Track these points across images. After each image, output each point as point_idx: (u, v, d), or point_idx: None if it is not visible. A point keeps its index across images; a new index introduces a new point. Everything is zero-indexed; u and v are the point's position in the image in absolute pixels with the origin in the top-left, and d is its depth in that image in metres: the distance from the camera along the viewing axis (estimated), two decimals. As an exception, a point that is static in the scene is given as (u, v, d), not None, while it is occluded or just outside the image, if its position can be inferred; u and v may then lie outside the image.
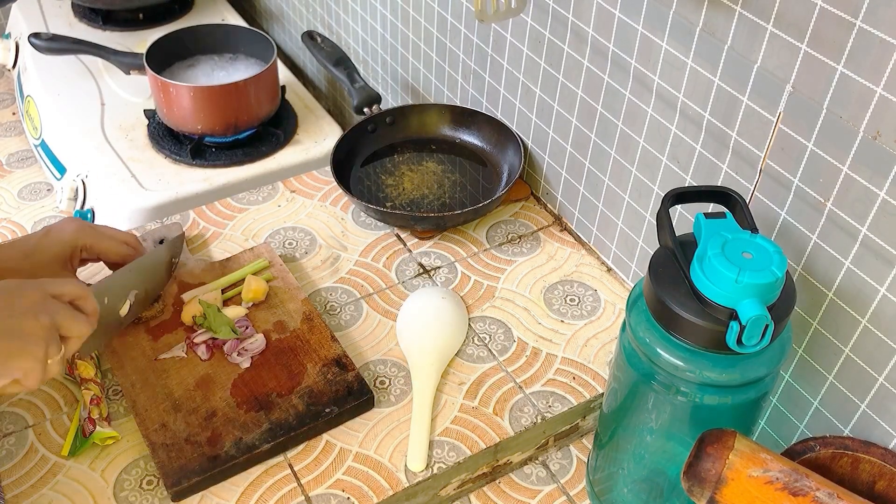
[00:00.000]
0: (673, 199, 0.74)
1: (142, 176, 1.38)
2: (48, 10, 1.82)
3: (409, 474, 0.85)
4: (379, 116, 1.24)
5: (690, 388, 0.71)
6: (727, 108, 0.81)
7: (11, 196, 1.62)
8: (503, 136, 1.20)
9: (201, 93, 1.35)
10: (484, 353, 0.97)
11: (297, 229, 1.12)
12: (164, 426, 0.85)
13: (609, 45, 0.94)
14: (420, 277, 1.06)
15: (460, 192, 1.17)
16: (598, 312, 1.02)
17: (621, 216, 1.03)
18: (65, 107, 1.54)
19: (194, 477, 0.81)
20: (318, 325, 0.95)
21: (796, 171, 0.76)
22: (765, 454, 0.67)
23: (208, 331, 0.93)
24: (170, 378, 0.90)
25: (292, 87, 1.61)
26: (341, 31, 1.58)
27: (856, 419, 0.79)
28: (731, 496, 0.66)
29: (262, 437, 0.84)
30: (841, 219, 0.73)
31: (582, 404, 0.92)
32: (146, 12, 1.76)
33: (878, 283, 0.72)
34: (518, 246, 1.11)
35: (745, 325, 0.64)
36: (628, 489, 0.83)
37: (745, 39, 0.76)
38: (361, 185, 1.18)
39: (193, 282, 1.00)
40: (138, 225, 1.26)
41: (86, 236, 0.90)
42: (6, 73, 1.95)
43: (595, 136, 1.02)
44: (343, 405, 0.88)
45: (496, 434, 0.88)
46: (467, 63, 1.23)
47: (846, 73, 0.68)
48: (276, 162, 1.43)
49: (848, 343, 0.77)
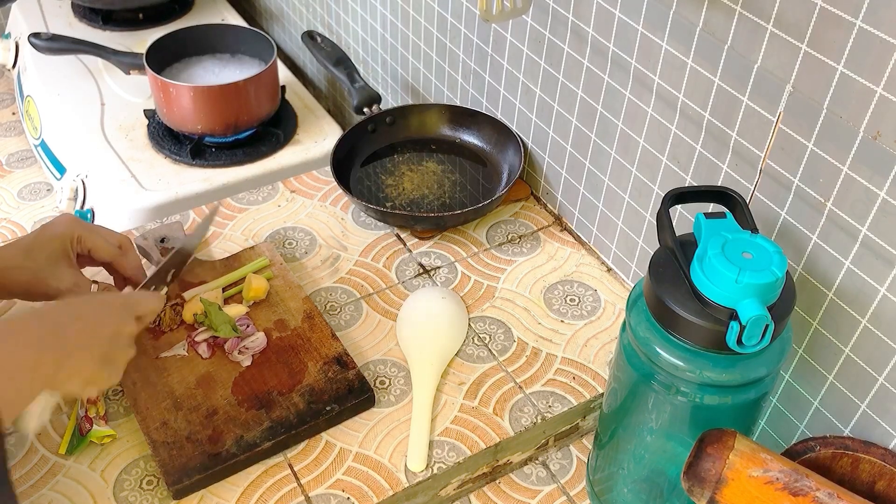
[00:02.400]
0: (673, 199, 0.74)
1: (142, 176, 1.38)
2: (48, 10, 1.82)
3: (409, 474, 0.85)
4: (379, 116, 1.24)
5: (690, 388, 0.71)
6: (727, 108, 0.81)
7: (11, 196, 1.62)
8: (503, 136, 1.20)
9: (201, 93, 1.35)
10: (484, 353, 0.97)
11: (297, 229, 1.12)
12: (165, 424, 0.85)
13: (609, 45, 0.94)
14: (420, 277, 1.06)
15: (460, 192, 1.17)
16: (598, 312, 1.03)
17: (621, 216, 1.03)
18: (65, 107, 1.54)
19: (195, 475, 0.81)
20: (319, 324, 0.95)
21: (796, 171, 0.76)
22: (765, 454, 0.67)
23: (209, 329, 0.93)
24: (171, 376, 0.90)
25: (292, 87, 1.61)
26: (341, 31, 1.58)
27: (856, 419, 0.79)
28: (731, 496, 0.66)
29: (263, 435, 0.84)
30: (841, 219, 0.73)
31: (582, 404, 0.92)
32: (146, 12, 1.76)
33: (878, 283, 0.72)
34: (518, 246, 1.12)
35: (745, 325, 0.64)
36: (628, 489, 0.83)
37: (746, 39, 0.76)
38: (361, 185, 1.18)
39: (194, 280, 1.00)
40: (138, 225, 1.26)
41: (79, 227, 0.91)
42: (6, 73, 1.95)
43: (595, 136, 1.02)
44: (344, 403, 0.88)
45: (496, 434, 0.88)
46: (467, 63, 1.23)
47: (846, 73, 0.68)
48: (276, 162, 1.43)
49: (848, 343, 0.77)
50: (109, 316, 0.77)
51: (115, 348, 0.75)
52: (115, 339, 0.76)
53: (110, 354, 0.75)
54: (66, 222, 0.90)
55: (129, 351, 0.78)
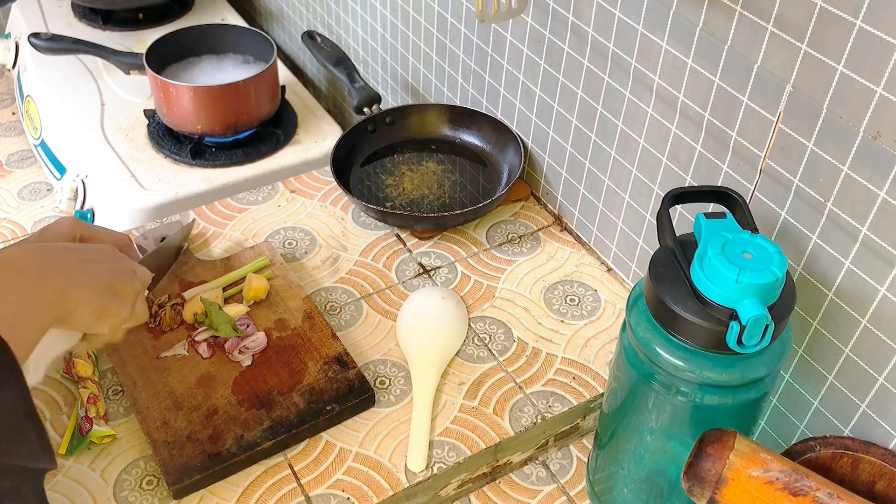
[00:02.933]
0: (673, 199, 0.74)
1: (142, 176, 1.38)
2: (48, 10, 1.82)
3: (409, 474, 0.85)
4: (379, 116, 1.24)
5: (690, 388, 0.71)
6: (727, 108, 0.81)
7: (11, 196, 1.62)
8: (503, 136, 1.20)
9: (201, 93, 1.35)
10: (484, 353, 0.97)
11: (297, 229, 1.12)
12: (165, 424, 0.85)
13: (609, 45, 0.94)
14: (420, 277, 1.06)
15: (460, 192, 1.17)
16: (598, 312, 1.03)
17: (621, 216, 1.03)
18: (65, 107, 1.54)
19: (195, 474, 0.81)
20: (319, 323, 0.95)
21: (796, 171, 0.76)
22: (765, 454, 0.67)
23: (210, 329, 0.93)
24: (171, 376, 0.90)
25: (292, 87, 1.61)
26: (341, 31, 1.58)
27: (856, 419, 0.79)
28: (731, 496, 0.66)
29: (264, 435, 0.84)
30: (841, 219, 0.73)
31: (582, 404, 0.92)
32: (146, 12, 1.76)
33: (878, 283, 0.72)
34: (518, 246, 1.12)
35: (745, 325, 0.64)
36: (628, 489, 0.83)
37: (745, 39, 0.76)
38: (361, 185, 1.18)
39: (195, 280, 1.00)
40: (138, 225, 1.26)
41: (81, 227, 0.91)
42: (6, 73, 1.95)
43: (595, 136, 1.02)
44: (344, 403, 0.88)
45: (496, 434, 0.88)
46: (467, 63, 1.23)
47: (846, 73, 0.68)
48: (276, 162, 1.43)
49: (848, 343, 0.77)
50: (103, 253, 0.77)
51: (117, 279, 0.75)
52: (115, 271, 0.76)
53: (114, 286, 0.75)
54: (67, 223, 0.90)
55: (133, 284, 0.78)
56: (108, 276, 0.75)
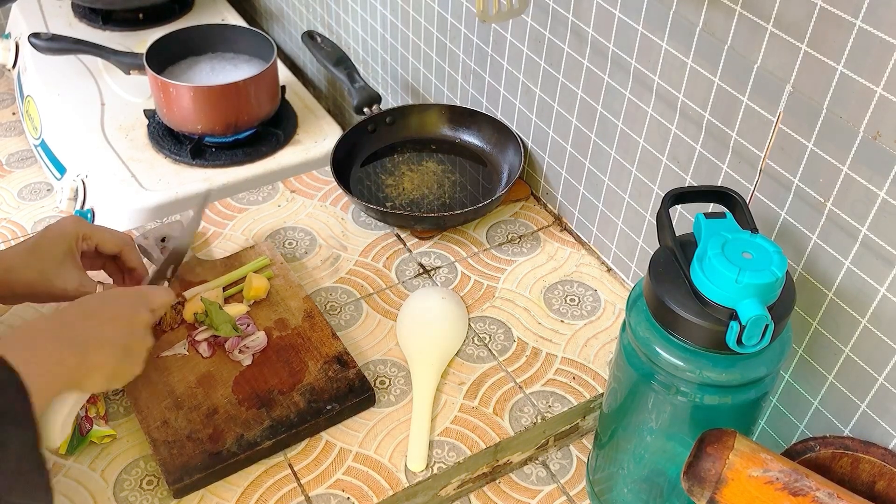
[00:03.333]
0: (673, 199, 0.74)
1: (142, 176, 1.38)
2: (48, 10, 1.82)
3: (409, 474, 0.85)
4: (379, 116, 1.24)
5: (690, 388, 0.71)
6: (727, 108, 0.81)
7: (11, 196, 1.62)
8: (503, 136, 1.21)
9: (201, 93, 1.35)
10: (484, 353, 0.97)
11: (297, 229, 1.12)
12: (165, 423, 0.85)
13: (609, 45, 0.94)
14: (420, 277, 1.06)
15: (460, 192, 1.17)
16: (598, 312, 1.03)
17: (621, 216, 1.03)
18: (65, 107, 1.54)
19: (196, 474, 0.81)
20: (319, 323, 0.95)
21: (796, 171, 0.76)
22: (765, 454, 0.67)
23: (210, 328, 0.93)
24: (171, 375, 0.90)
25: (292, 87, 1.61)
26: (341, 31, 1.58)
27: (856, 419, 0.79)
28: (731, 496, 0.66)
29: (264, 434, 0.84)
30: (841, 219, 0.73)
31: (582, 404, 0.92)
32: (146, 12, 1.76)
33: (878, 283, 0.72)
34: (518, 246, 1.12)
35: (745, 325, 0.64)
36: (628, 489, 0.83)
37: (746, 39, 0.76)
38: (361, 185, 1.18)
39: (195, 279, 1.00)
40: (138, 225, 1.26)
41: (83, 226, 0.91)
42: (6, 73, 1.95)
43: (595, 136, 1.02)
44: (344, 402, 0.88)
45: (496, 434, 0.88)
46: (467, 63, 1.23)
47: (846, 73, 0.68)
48: (276, 162, 1.43)
49: (848, 343, 0.77)
50: (122, 308, 0.78)
51: (132, 339, 0.77)
52: (132, 331, 0.77)
53: (129, 346, 0.76)
54: (70, 223, 0.90)
55: (146, 340, 0.79)
56: (123, 338, 0.76)
